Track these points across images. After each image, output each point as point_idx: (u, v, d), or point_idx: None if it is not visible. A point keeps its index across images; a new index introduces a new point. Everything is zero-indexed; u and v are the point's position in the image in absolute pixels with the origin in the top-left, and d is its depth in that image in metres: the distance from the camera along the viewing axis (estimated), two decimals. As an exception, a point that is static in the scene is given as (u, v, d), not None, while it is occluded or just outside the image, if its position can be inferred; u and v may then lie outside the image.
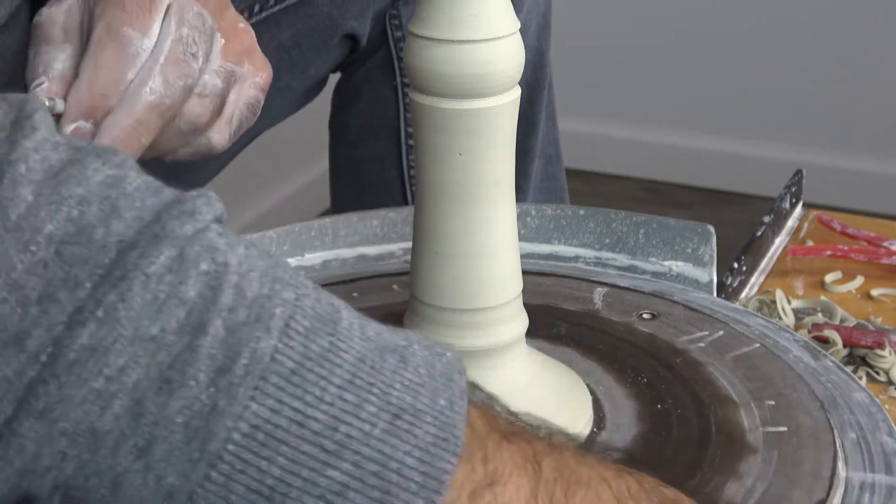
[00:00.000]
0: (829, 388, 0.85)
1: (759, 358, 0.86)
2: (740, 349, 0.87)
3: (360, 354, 0.55)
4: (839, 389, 0.85)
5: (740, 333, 0.89)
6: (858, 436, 0.80)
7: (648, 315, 0.91)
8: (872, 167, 2.58)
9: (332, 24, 1.15)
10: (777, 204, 1.18)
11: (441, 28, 0.72)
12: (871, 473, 0.78)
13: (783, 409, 0.80)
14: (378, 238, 1.02)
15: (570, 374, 0.81)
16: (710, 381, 0.83)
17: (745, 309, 0.98)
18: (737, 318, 0.92)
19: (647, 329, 0.89)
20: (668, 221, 1.01)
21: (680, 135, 2.70)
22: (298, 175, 2.55)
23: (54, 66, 0.76)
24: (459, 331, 0.76)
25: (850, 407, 0.83)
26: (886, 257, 1.13)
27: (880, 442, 0.80)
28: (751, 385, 0.82)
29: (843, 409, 0.83)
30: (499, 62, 0.73)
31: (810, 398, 0.81)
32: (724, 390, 0.82)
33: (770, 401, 0.81)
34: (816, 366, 0.87)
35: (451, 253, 0.75)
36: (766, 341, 0.88)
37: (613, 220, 1.02)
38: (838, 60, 2.55)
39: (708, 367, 0.84)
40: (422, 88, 0.74)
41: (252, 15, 1.12)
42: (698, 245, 1.00)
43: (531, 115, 1.23)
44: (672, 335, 0.88)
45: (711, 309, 0.93)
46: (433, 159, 0.75)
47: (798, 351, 0.89)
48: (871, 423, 0.82)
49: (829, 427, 0.79)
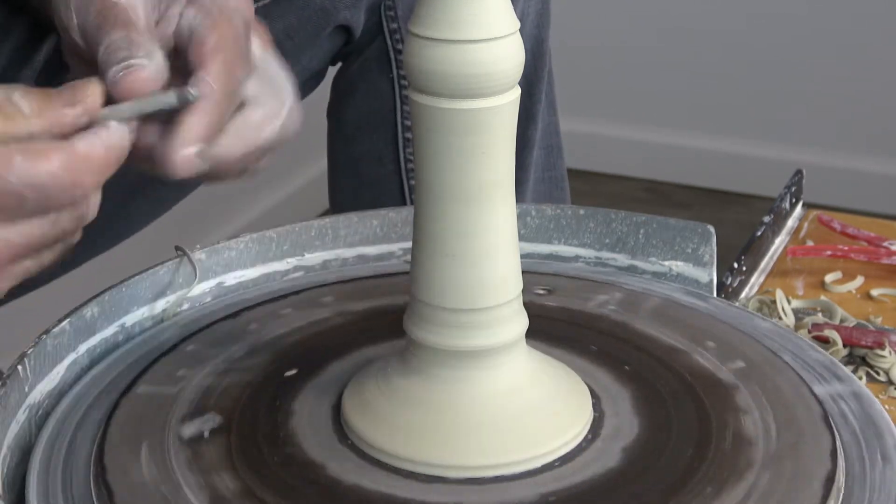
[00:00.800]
0: (737, 324, 0.91)
1: (670, 308, 0.91)
2: (647, 303, 0.92)
3: None
4: (741, 320, 0.92)
5: (634, 291, 0.94)
6: (794, 355, 0.88)
7: (543, 290, 0.94)
8: (872, 167, 2.58)
9: (325, 15, 1.14)
10: (777, 204, 1.18)
11: (441, 28, 0.72)
12: (830, 385, 0.84)
13: (727, 348, 0.86)
14: (378, 238, 1.02)
15: (570, 374, 0.81)
16: (648, 337, 0.87)
17: (745, 309, 0.98)
18: (740, 320, 0.93)
19: (554, 303, 0.92)
20: (668, 221, 1.01)
21: (680, 135, 2.70)
22: (298, 175, 2.55)
23: (156, 55, 0.75)
24: (459, 331, 0.76)
25: (762, 335, 0.90)
26: (886, 257, 1.13)
27: (814, 358, 0.87)
28: (685, 332, 0.88)
29: (764, 339, 0.89)
30: (499, 62, 0.72)
31: (739, 334, 0.87)
32: (668, 342, 0.87)
33: (710, 342, 0.87)
34: (716, 310, 0.93)
35: (451, 253, 0.75)
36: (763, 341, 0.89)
37: (613, 220, 1.02)
38: (838, 60, 2.55)
39: (634, 323, 0.89)
40: (421, 88, 0.74)
41: None
42: (698, 245, 1.00)
43: (530, 106, 1.23)
44: (580, 304, 0.92)
45: (593, 275, 0.99)
46: (433, 159, 0.75)
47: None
48: (793, 345, 0.89)
49: (775, 355, 0.85)
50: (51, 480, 0.76)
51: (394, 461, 0.75)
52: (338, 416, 0.79)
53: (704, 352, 0.86)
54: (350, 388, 0.80)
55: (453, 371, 0.77)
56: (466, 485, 0.74)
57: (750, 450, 0.76)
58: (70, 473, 0.76)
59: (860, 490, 0.76)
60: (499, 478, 0.74)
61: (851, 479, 0.76)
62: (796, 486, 0.74)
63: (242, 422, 0.79)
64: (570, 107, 2.07)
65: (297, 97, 0.84)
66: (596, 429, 0.78)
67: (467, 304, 0.76)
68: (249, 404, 0.81)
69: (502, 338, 0.77)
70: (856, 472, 0.77)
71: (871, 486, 0.76)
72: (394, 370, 0.79)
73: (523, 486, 0.74)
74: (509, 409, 0.77)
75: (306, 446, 0.77)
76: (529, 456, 0.75)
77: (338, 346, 0.86)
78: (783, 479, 0.74)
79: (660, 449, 0.77)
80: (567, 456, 0.76)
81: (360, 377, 0.81)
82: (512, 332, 0.77)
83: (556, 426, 0.77)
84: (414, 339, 0.77)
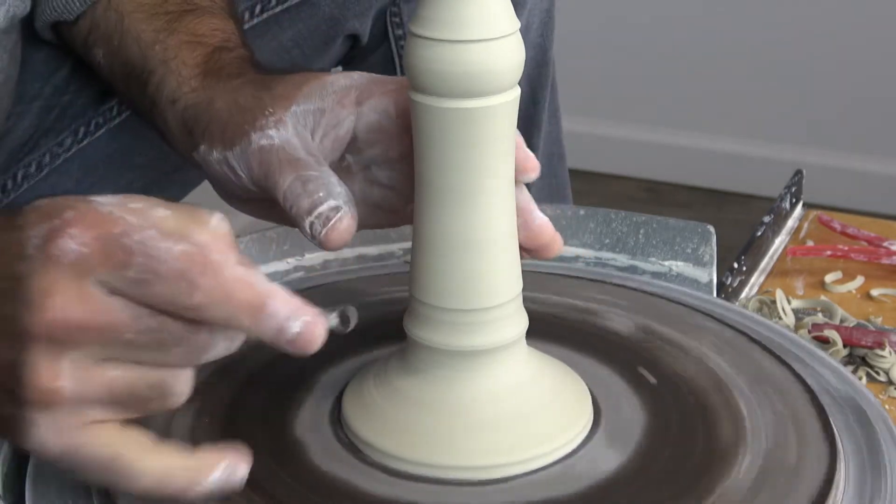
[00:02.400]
0: (738, 324, 0.92)
1: (671, 308, 0.92)
2: (647, 303, 0.93)
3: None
4: (742, 320, 0.94)
5: (635, 291, 0.95)
6: (795, 355, 0.89)
7: (543, 290, 0.93)
8: (872, 167, 2.58)
9: (334, 25, 1.15)
10: (777, 204, 1.18)
11: (441, 28, 0.72)
12: (830, 386, 0.85)
13: (729, 348, 0.86)
14: (378, 238, 1.02)
15: (570, 374, 0.81)
16: (649, 336, 0.88)
17: (745, 309, 0.98)
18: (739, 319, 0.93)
19: (555, 302, 0.92)
20: (667, 221, 1.01)
21: (680, 135, 2.70)
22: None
23: (335, 190, 0.76)
24: (459, 331, 0.76)
25: (763, 336, 0.91)
26: (886, 257, 1.13)
27: (815, 359, 0.89)
28: (687, 332, 0.89)
29: (766, 339, 0.90)
30: (499, 62, 0.72)
31: (740, 335, 0.88)
32: (669, 342, 0.88)
33: (711, 342, 0.87)
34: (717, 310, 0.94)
35: (451, 253, 0.75)
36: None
37: (613, 220, 1.02)
38: (838, 60, 2.55)
39: (635, 323, 0.90)
40: (421, 88, 0.74)
41: (253, 16, 1.12)
42: (698, 245, 1.00)
43: (534, 113, 1.23)
44: (580, 304, 0.92)
45: (592, 274, 1.00)
46: (433, 159, 0.75)
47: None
48: (794, 346, 0.90)
49: (775, 355, 0.86)
50: (50, 481, 0.76)
51: (393, 462, 0.75)
52: (338, 417, 0.79)
53: (705, 351, 0.86)
54: (350, 389, 0.80)
55: (453, 371, 0.77)
56: (467, 486, 0.74)
57: (750, 450, 0.76)
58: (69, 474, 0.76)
59: (860, 490, 0.76)
60: (499, 478, 0.74)
61: (851, 480, 0.76)
62: (796, 487, 0.74)
63: (242, 420, 0.79)
64: (571, 107, 2.07)
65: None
66: (596, 428, 0.78)
67: (467, 304, 0.76)
68: (249, 403, 0.81)
69: (502, 338, 0.77)
70: (856, 473, 0.77)
71: (871, 486, 0.76)
72: (393, 370, 0.79)
73: (524, 486, 0.74)
74: (509, 409, 0.77)
75: (306, 447, 0.77)
76: (530, 456, 0.75)
77: (338, 346, 0.86)
78: (784, 480, 0.74)
79: (660, 449, 0.77)
80: (567, 456, 0.76)
81: (360, 378, 0.81)
82: (512, 332, 0.77)
83: (556, 426, 0.77)
84: (413, 339, 0.77)
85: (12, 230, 0.64)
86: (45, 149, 1.10)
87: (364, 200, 0.82)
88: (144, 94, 0.91)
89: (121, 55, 0.95)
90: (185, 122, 0.85)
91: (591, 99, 2.70)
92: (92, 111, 1.11)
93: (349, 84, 0.81)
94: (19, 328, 0.62)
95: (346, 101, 0.80)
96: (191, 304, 0.62)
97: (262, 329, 0.64)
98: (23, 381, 0.62)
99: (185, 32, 0.92)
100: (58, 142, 1.10)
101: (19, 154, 1.09)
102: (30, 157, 1.09)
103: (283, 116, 0.80)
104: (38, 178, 1.10)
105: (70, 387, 0.62)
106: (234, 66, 0.88)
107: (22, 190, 1.09)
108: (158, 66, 0.90)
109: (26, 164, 1.09)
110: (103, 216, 0.63)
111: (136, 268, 0.62)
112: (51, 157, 1.10)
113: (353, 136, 0.81)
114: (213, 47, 0.90)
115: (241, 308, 0.63)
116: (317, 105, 0.80)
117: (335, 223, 0.74)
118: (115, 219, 0.63)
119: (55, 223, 0.62)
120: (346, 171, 0.82)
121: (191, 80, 0.88)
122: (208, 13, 0.94)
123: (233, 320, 0.63)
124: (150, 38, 0.93)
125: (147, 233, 0.62)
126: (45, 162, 1.10)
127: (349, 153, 0.82)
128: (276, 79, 0.83)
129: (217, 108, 0.83)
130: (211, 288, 0.62)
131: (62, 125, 1.10)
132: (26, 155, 1.09)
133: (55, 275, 0.62)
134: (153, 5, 0.95)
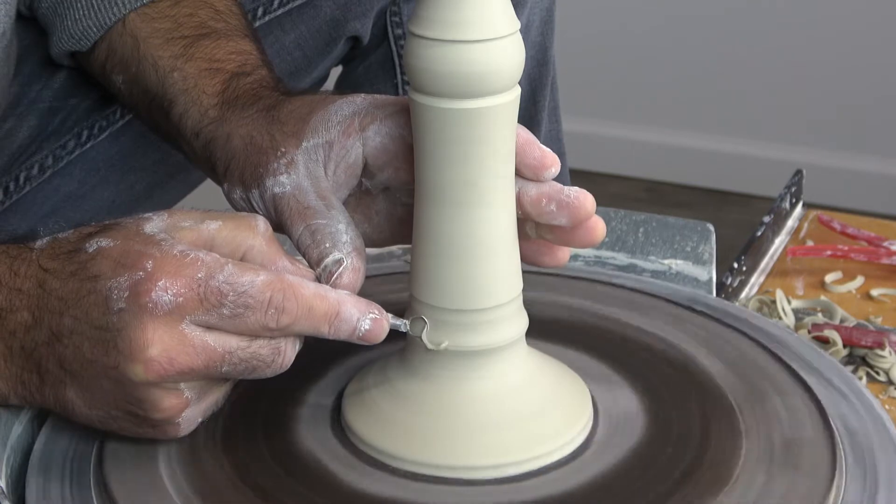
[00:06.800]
0: (738, 324, 0.91)
1: (672, 307, 0.92)
2: (648, 303, 0.93)
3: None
4: (742, 320, 0.93)
5: (634, 290, 0.95)
6: (796, 356, 0.88)
7: (543, 290, 0.93)
8: (872, 167, 2.58)
9: (336, 26, 1.15)
10: (777, 204, 1.18)
11: (441, 28, 0.72)
12: (830, 386, 0.85)
13: (730, 348, 0.86)
14: (378, 238, 1.02)
15: (569, 374, 0.81)
16: (650, 336, 0.88)
17: (745, 309, 0.98)
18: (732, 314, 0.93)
19: (554, 302, 0.92)
20: (667, 220, 1.01)
21: (680, 135, 2.70)
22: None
23: (341, 239, 0.78)
24: (459, 331, 0.76)
25: (763, 336, 0.90)
26: (886, 257, 1.13)
27: (815, 359, 0.88)
28: (687, 332, 0.88)
29: (766, 339, 0.89)
30: (499, 62, 0.73)
31: (740, 335, 0.88)
32: (670, 342, 0.88)
33: (712, 342, 0.87)
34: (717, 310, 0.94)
35: (450, 253, 0.75)
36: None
37: (613, 218, 1.02)
38: (838, 60, 2.55)
39: (636, 323, 0.90)
40: (421, 88, 0.74)
41: (255, 19, 1.13)
42: (698, 243, 1.00)
43: (534, 113, 1.23)
44: (580, 303, 0.92)
45: (592, 274, 0.99)
46: (433, 159, 0.75)
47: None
48: (795, 346, 0.89)
49: (775, 356, 0.85)
50: (50, 481, 0.76)
51: (394, 462, 0.75)
52: (338, 418, 0.79)
53: (706, 351, 0.86)
54: (350, 389, 0.80)
55: (453, 371, 0.77)
56: (467, 485, 0.74)
57: (750, 451, 0.76)
58: (70, 474, 0.76)
59: (860, 491, 0.76)
60: (499, 478, 0.74)
61: (851, 481, 0.76)
62: (796, 488, 0.74)
63: (243, 421, 0.79)
64: (571, 107, 2.07)
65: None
66: (596, 428, 0.78)
67: (467, 304, 0.76)
68: (250, 404, 0.81)
69: (502, 338, 0.77)
70: (855, 474, 0.77)
71: (871, 487, 0.76)
72: (394, 371, 0.79)
73: (524, 486, 0.74)
74: (509, 409, 0.77)
75: (306, 447, 0.77)
76: (530, 456, 0.75)
77: (338, 346, 0.86)
78: (783, 480, 0.74)
79: (660, 449, 0.77)
80: (567, 456, 0.76)
81: (361, 378, 0.81)
82: (512, 332, 0.77)
83: (556, 426, 0.77)
84: (414, 340, 0.77)
85: (85, 279, 0.71)
86: (48, 151, 1.10)
87: (389, 219, 0.85)
88: (168, 122, 0.93)
89: (140, 83, 0.96)
90: (208, 158, 0.88)
91: (591, 99, 2.70)
92: (95, 114, 1.11)
93: (352, 111, 0.82)
94: (127, 377, 0.70)
95: (350, 130, 0.82)
96: (279, 326, 0.71)
97: (339, 332, 0.73)
98: (149, 415, 0.72)
99: (202, 59, 0.93)
100: (60, 144, 1.10)
101: (22, 156, 1.09)
102: (32, 160, 1.09)
103: (295, 156, 0.81)
104: (41, 180, 1.10)
105: (192, 403, 0.73)
106: (249, 95, 0.89)
107: (24, 192, 1.10)
108: (179, 96, 0.92)
109: (29, 165, 1.09)
110: (180, 260, 0.70)
111: (228, 306, 0.70)
112: (53, 160, 1.10)
113: (364, 162, 0.82)
114: (230, 73, 0.91)
115: (321, 319, 0.72)
116: (324, 138, 0.82)
117: (335, 279, 0.77)
118: (192, 261, 0.70)
119: (139, 276, 0.69)
120: (366, 195, 0.84)
121: (209, 110, 0.89)
122: (224, 37, 0.95)
123: (314, 331, 0.73)
124: (168, 64, 0.94)
125: (228, 269, 0.70)
126: (48, 164, 1.10)
127: (365, 178, 0.83)
128: (284, 109, 0.85)
129: (234, 145, 0.85)
130: (295, 309, 0.71)
131: (65, 128, 1.10)
132: (29, 157, 1.09)
133: (153, 325, 0.69)
134: (168, 30, 0.96)
